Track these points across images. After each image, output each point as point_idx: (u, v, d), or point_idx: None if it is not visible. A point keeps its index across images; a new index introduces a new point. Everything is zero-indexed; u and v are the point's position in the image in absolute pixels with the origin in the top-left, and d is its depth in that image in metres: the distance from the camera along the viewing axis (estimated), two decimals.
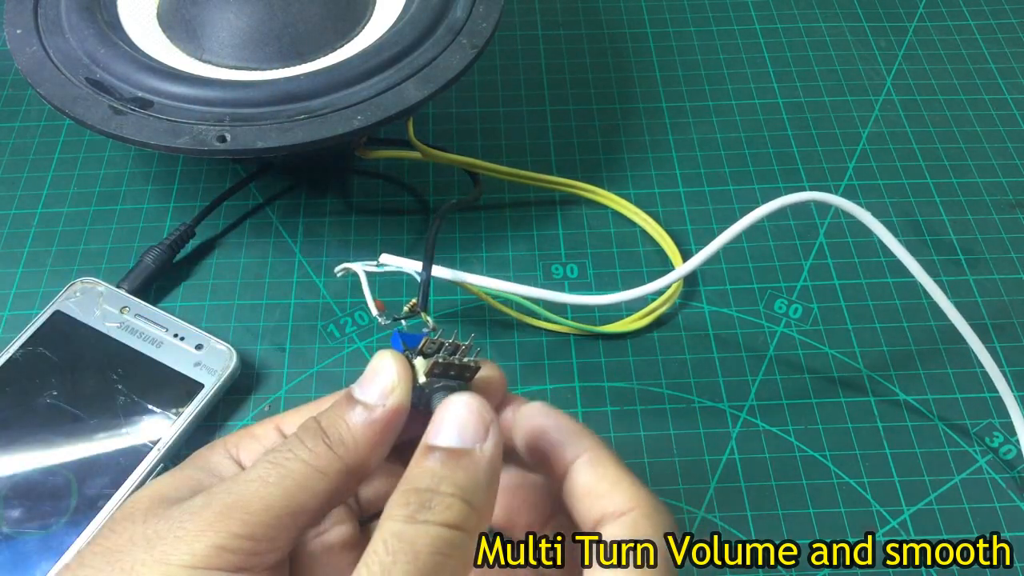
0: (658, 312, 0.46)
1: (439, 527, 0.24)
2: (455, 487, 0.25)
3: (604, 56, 0.58)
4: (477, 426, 0.26)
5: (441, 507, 0.24)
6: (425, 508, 0.24)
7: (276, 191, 0.51)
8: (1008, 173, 0.52)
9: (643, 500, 0.26)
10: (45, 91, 0.42)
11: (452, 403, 0.27)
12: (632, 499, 0.26)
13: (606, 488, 0.27)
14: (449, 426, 0.26)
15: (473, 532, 0.25)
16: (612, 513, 0.26)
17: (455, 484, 0.25)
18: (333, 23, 0.47)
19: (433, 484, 0.25)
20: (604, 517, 0.26)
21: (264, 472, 0.26)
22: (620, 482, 0.27)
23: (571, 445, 0.28)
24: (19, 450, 0.40)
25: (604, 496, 0.27)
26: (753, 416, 0.43)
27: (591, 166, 0.52)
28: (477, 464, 0.26)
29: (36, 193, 0.51)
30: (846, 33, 0.60)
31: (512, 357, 0.45)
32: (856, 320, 0.46)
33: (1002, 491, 0.41)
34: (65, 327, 0.43)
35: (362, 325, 0.46)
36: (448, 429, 0.26)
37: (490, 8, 0.46)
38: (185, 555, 0.24)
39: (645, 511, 0.26)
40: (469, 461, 0.26)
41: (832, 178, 0.52)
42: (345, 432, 0.27)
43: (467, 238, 0.49)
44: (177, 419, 0.41)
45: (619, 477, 0.27)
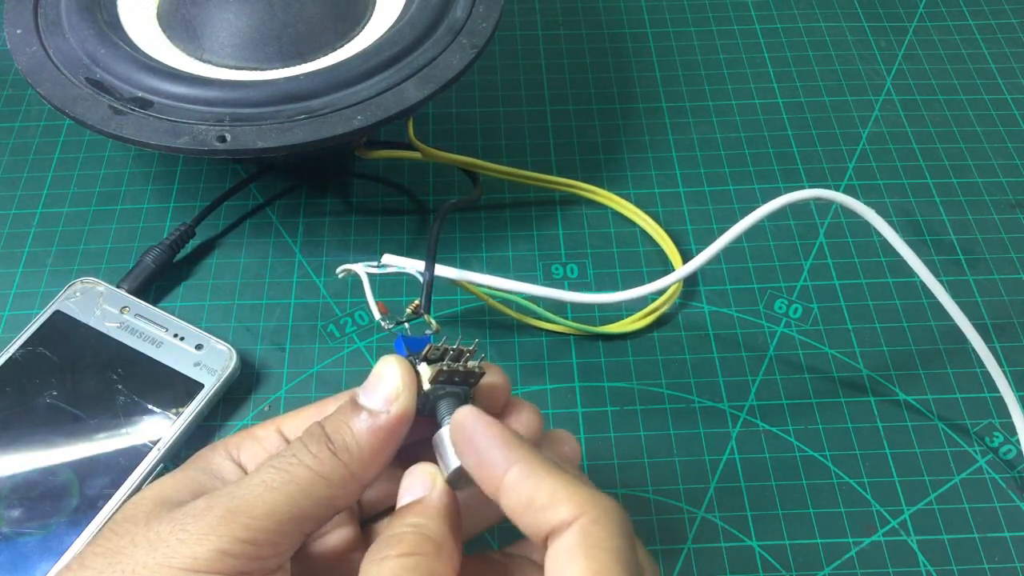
0: (658, 312, 0.46)
1: (395, 558, 0.26)
2: (408, 525, 0.27)
3: (604, 56, 0.58)
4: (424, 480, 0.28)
5: (396, 542, 0.26)
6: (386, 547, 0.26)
7: (276, 191, 0.51)
8: (1008, 173, 0.52)
9: (587, 506, 0.25)
10: (45, 91, 0.42)
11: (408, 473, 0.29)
12: (575, 506, 0.25)
13: (545, 499, 0.25)
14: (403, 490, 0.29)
15: (432, 554, 0.26)
16: (559, 525, 0.25)
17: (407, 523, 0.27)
18: (333, 23, 0.47)
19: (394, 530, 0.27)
20: (552, 530, 0.25)
21: (268, 477, 0.26)
22: (559, 489, 0.25)
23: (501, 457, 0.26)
24: (19, 450, 0.40)
25: (545, 508, 0.25)
26: (753, 416, 0.43)
27: (591, 166, 0.52)
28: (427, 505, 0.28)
29: (36, 193, 0.51)
30: (846, 33, 0.60)
31: (512, 357, 0.45)
32: (856, 320, 0.46)
33: (1002, 491, 0.41)
34: (65, 327, 0.43)
35: (362, 325, 0.46)
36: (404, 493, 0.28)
37: (490, 8, 0.46)
38: (187, 558, 0.24)
39: (592, 516, 0.25)
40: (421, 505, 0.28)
41: (832, 178, 0.52)
42: (349, 438, 0.27)
43: (467, 238, 0.49)
44: (177, 419, 0.41)
45: (558, 483, 0.25)
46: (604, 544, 0.24)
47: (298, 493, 0.26)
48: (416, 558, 0.26)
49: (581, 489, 0.25)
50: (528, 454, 0.26)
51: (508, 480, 0.26)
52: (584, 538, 0.24)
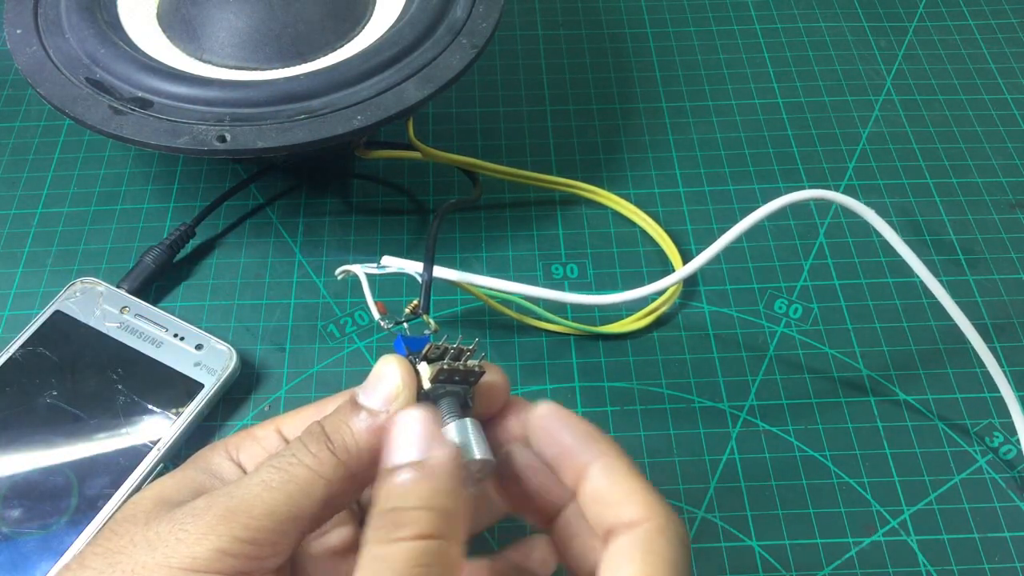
0: (658, 312, 0.46)
1: (413, 541, 0.25)
2: (420, 499, 0.26)
3: (604, 56, 0.58)
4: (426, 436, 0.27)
5: (411, 521, 0.25)
6: (398, 526, 0.25)
7: (276, 191, 0.51)
8: (1008, 173, 0.52)
9: (656, 512, 0.26)
10: (45, 91, 0.42)
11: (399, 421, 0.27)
12: (645, 510, 0.26)
13: (619, 497, 0.27)
14: (401, 443, 0.27)
15: (448, 536, 0.25)
16: (624, 523, 0.26)
17: (420, 496, 0.26)
18: (333, 23, 0.47)
19: (400, 501, 0.26)
20: (616, 526, 0.26)
21: (267, 476, 0.26)
22: (633, 491, 0.27)
23: (586, 450, 0.28)
24: (19, 450, 0.40)
25: (617, 505, 0.26)
26: (753, 416, 0.43)
27: (591, 166, 0.52)
28: (436, 472, 0.26)
29: (36, 193, 0.51)
30: (846, 33, 0.60)
31: (512, 357, 0.45)
32: (856, 320, 0.46)
33: (1002, 491, 0.41)
34: (65, 327, 0.43)
35: (362, 325, 0.46)
36: (401, 446, 0.27)
37: (490, 8, 0.46)
38: (187, 558, 0.24)
39: (658, 524, 0.26)
40: (428, 471, 0.26)
41: (832, 178, 0.52)
42: (349, 438, 0.27)
43: (467, 238, 0.49)
44: (177, 419, 0.41)
45: (633, 485, 0.27)
46: (663, 552, 0.25)
47: (297, 493, 0.26)
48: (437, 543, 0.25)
49: (653, 495, 0.27)
50: (612, 450, 0.28)
51: (591, 471, 0.27)
52: (646, 542, 0.25)
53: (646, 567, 0.25)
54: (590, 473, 0.27)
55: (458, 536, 0.26)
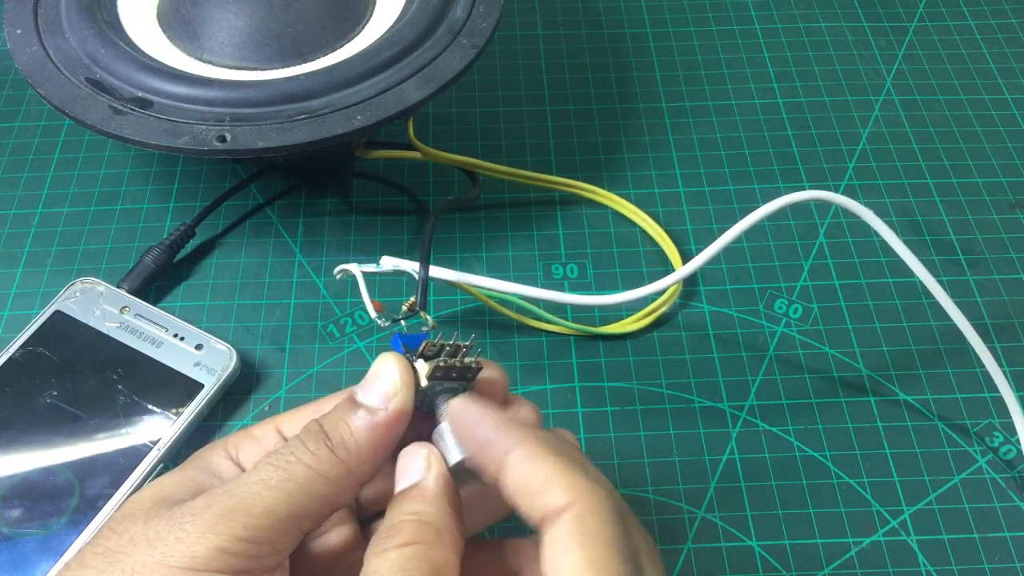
0: (658, 312, 0.46)
1: (396, 549, 0.25)
2: (406, 513, 0.27)
3: (604, 56, 0.58)
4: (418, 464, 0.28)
5: (396, 532, 0.26)
6: (386, 539, 0.26)
7: (276, 191, 0.51)
8: (1008, 173, 0.52)
9: (582, 492, 0.25)
10: (45, 91, 0.42)
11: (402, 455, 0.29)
12: (570, 492, 0.25)
13: (541, 483, 0.25)
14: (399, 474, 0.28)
15: (432, 541, 0.26)
16: (553, 510, 0.25)
17: (406, 511, 0.27)
18: (333, 23, 0.47)
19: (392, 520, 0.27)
20: (546, 515, 0.25)
21: (266, 475, 0.26)
22: (555, 475, 0.25)
23: (501, 440, 0.26)
24: (19, 450, 0.40)
25: (540, 492, 0.25)
26: (753, 416, 0.43)
27: (591, 166, 0.52)
28: (424, 489, 0.27)
29: (36, 193, 0.51)
30: (846, 33, 0.60)
31: (512, 357, 0.45)
32: (856, 320, 0.46)
33: (1002, 491, 0.41)
34: (65, 327, 0.43)
35: (362, 325, 0.46)
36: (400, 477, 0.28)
37: (490, 8, 0.46)
38: (186, 557, 0.24)
39: (587, 503, 0.25)
40: (417, 491, 0.27)
41: (832, 178, 0.52)
42: (347, 435, 0.27)
43: (467, 238, 0.49)
44: (177, 419, 0.41)
45: (553, 469, 0.25)
46: (598, 532, 0.24)
47: (296, 491, 0.26)
48: (416, 547, 0.26)
49: (576, 475, 0.25)
50: (528, 437, 0.26)
51: (508, 461, 0.26)
52: (578, 525, 0.24)
53: (584, 551, 0.24)
54: (508, 463, 0.26)
55: (443, 540, 0.26)
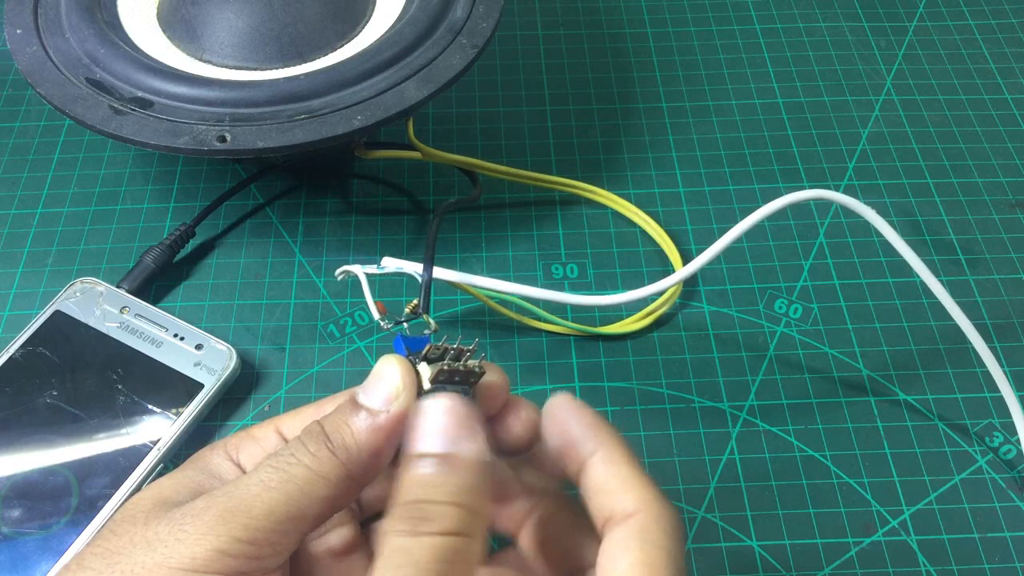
0: (658, 312, 0.46)
1: (439, 536, 0.24)
2: (448, 494, 0.25)
3: (604, 56, 0.58)
4: (459, 428, 0.26)
5: (438, 516, 0.25)
6: (424, 520, 0.25)
7: (276, 191, 0.51)
8: (1008, 173, 0.52)
9: (651, 502, 0.26)
10: (45, 91, 0.42)
11: (431, 408, 0.27)
12: (641, 500, 0.26)
13: (616, 487, 0.27)
14: (432, 431, 0.26)
15: (473, 534, 0.25)
16: (620, 513, 0.26)
17: (448, 491, 0.25)
18: (333, 23, 0.47)
19: (427, 494, 0.25)
20: (612, 516, 0.26)
21: (266, 476, 0.26)
22: (630, 481, 0.27)
23: (588, 440, 0.28)
24: (19, 450, 0.40)
25: (614, 495, 0.27)
26: (753, 416, 0.43)
27: (591, 166, 0.52)
28: (466, 467, 0.26)
29: (36, 193, 0.51)
30: (846, 33, 0.60)
31: (512, 357, 0.45)
32: (856, 320, 0.46)
33: (1002, 491, 0.41)
34: (65, 327, 0.43)
35: (362, 325, 0.46)
36: (431, 434, 0.26)
37: (490, 8, 0.46)
38: (185, 558, 0.24)
39: (654, 513, 0.26)
40: (458, 465, 0.26)
41: (832, 178, 0.52)
42: (348, 437, 0.27)
43: (467, 238, 0.49)
44: (177, 419, 0.41)
45: (630, 476, 0.27)
46: (658, 542, 0.26)
47: (296, 492, 0.26)
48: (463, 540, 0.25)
49: (649, 486, 0.27)
50: (613, 441, 0.28)
51: (592, 461, 0.28)
52: (641, 531, 0.26)
53: (642, 555, 0.25)
54: (590, 464, 0.28)
55: (482, 535, 0.26)
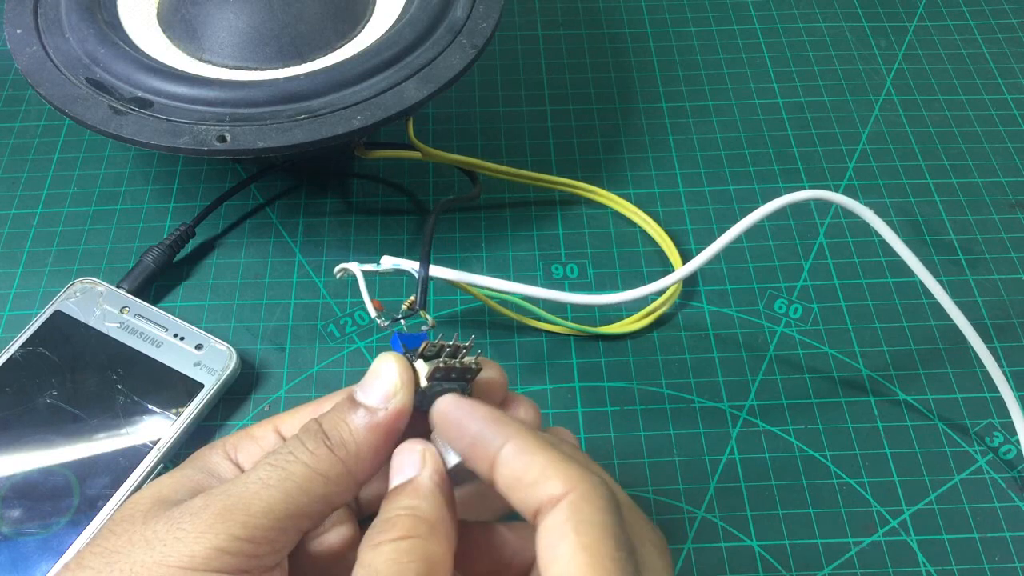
0: (658, 312, 0.46)
1: (390, 543, 0.25)
2: (401, 508, 0.27)
3: (604, 56, 0.58)
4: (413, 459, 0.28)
5: (391, 527, 0.26)
6: (381, 532, 0.26)
7: (276, 191, 0.51)
8: (1008, 173, 0.52)
9: (577, 481, 0.25)
10: (45, 91, 0.42)
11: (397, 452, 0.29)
12: (565, 481, 0.25)
13: (536, 474, 0.25)
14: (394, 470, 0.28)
15: (426, 535, 0.26)
16: (548, 500, 0.25)
17: (401, 505, 0.27)
18: (333, 23, 0.47)
19: (387, 514, 0.27)
20: (542, 506, 0.25)
21: (265, 474, 0.26)
22: (549, 466, 0.25)
23: (493, 435, 0.26)
24: (19, 450, 0.40)
25: (536, 484, 0.25)
26: (753, 416, 0.43)
27: (591, 166, 0.52)
28: (419, 485, 0.27)
29: (36, 193, 0.51)
30: (846, 33, 0.60)
31: (512, 357, 0.45)
32: (856, 320, 0.46)
33: (1002, 491, 0.41)
34: (65, 327, 0.43)
35: (362, 325, 0.46)
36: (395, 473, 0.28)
37: (490, 8, 0.46)
38: (185, 557, 0.24)
39: (582, 491, 0.25)
40: (412, 486, 0.27)
41: (832, 178, 0.52)
42: (347, 435, 0.27)
43: (467, 238, 0.49)
44: (177, 419, 0.41)
45: (547, 460, 0.26)
46: (594, 519, 0.24)
47: (295, 490, 0.26)
48: (411, 541, 0.25)
49: (571, 465, 0.25)
50: (520, 431, 0.27)
51: (502, 456, 0.26)
52: (573, 513, 0.24)
53: (580, 538, 0.24)
54: (501, 457, 0.26)
55: (438, 535, 0.26)
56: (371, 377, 0.28)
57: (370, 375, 0.29)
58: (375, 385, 0.28)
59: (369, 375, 0.29)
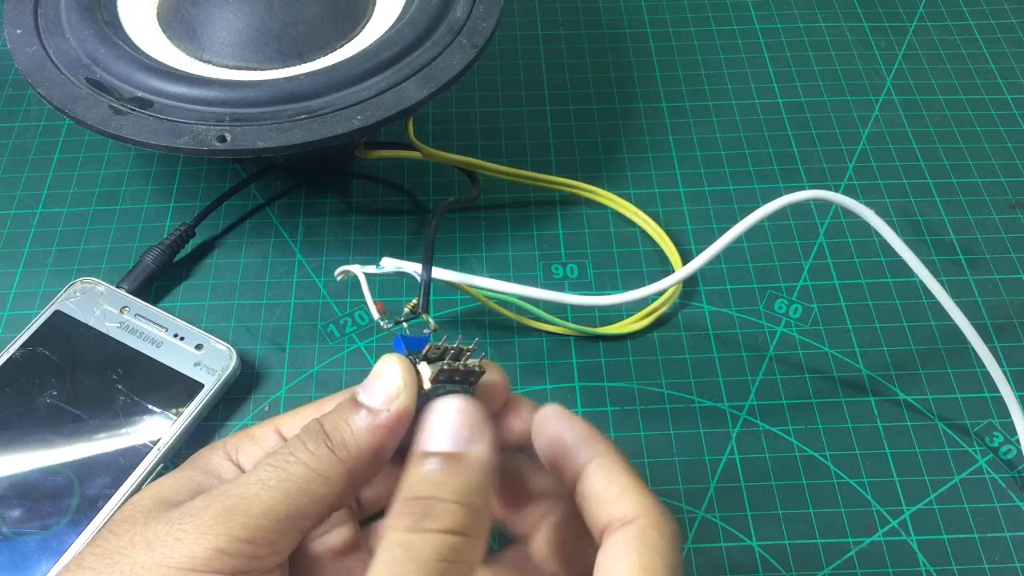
0: (658, 312, 0.46)
1: (442, 534, 0.24)
2: (454, 492, 0.25)
3: (604, 56, 0.58)
4: (469, 429, 0.27)
5: (442, 514, 0.25)
6: (427, 516, 0.25)
7: (276, 191, 0.51)
8: (1008, 173, 0.52)
9: (650, 508, 0.27)
10: (45, 91, 0.42)
11: (442, 407, 0.27)
12: (639, 507, 0.27)
13: (614, 494, 0.27)
14: (441, 431, 0.27)
15: (475, 534, 0.25)
16: (619, 519, 0.26)
17: (453, 489, 0.25)
18: (333, 23, 0.47)
19: (433, 491, 0.25)
20: (611, 523, 0.27)
21: (265, 475, 0.26)
22: (628, 489, 0.27)
23: (584, 449, 0.28)
24: (19, 450, 0.40)
25: (612, 502, 0.27)
26: (753, 416, 0.43)
27: (591, 166, 0.52)
28: (473, 467, 0.26)
29: (36, 193, 0.51)
30: (846, 33, 0.60)
31: (512, 357, 0.45)
32: (856, 320, 0.46)
33: (1002, 491, 0.41)
34: (65, 327, 0.43)
35: (362, 325, 0.46)
36: (441, 434, 0.27)
37: (490, 8, 0.46)
38: (185, 558, 0.24)
39: (652, 520, 0.26)
40: (465, 465, 0.26)
41: (832, 178, 0.52)
42: (348, 436, 0.27)
43: (467, 238, 0.49)
44: (177, 419, 0.41)
45: (628, 484, 0.27)
46: (657, 547, 0.26)
47: (295, 491, 0.26)
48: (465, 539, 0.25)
49: (647, 493, 0.27)
50: (609, 450, 0.28)
51: (589, 469, 0.28)
52: (640, 537, 0.26)
53: (641, 560, 0.25)
54: (587, 472, 0.28)
55: (484, 535, 0.26)
56: (374, 378, 0.28)
57: (373, 376, 0.28)
58: (378, 386, 0.28)
59: (372, 376, 0.29)
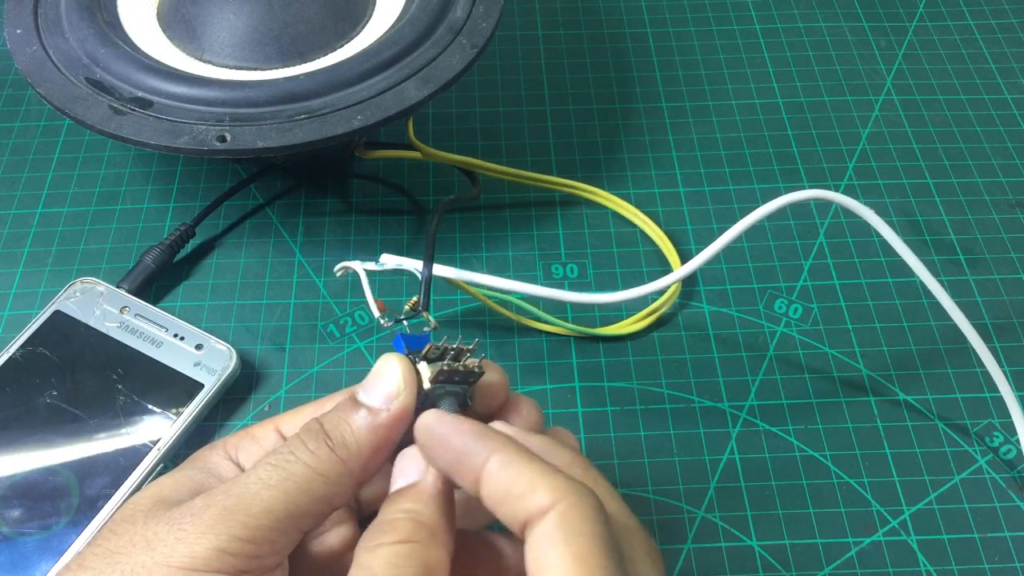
0: (658, 312, 0.46)
1: (389, 546, 0.25)
2: (401, 511, 0.27)
3: (604, 56, 0.58)
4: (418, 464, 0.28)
5: (390, 528, 0.26)
6: (380, 533, 0.26)
7: (276, 191, 0.51)
8: (1008, 173, 0.52)
9: (564, 491, 0.25)
10: (45, 91, 0.42)
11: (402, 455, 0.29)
12: (553, 492, 0.25)
13: (523, 487, 0.25)
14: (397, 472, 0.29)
15: (426, 541, 0.26)
16: (536, 511, 0.24)
17: (401, 509, 0.27)
18: (333, 23, 0.47)
19: (387, 516, 0.27)
20: (530, 517, 0.25)
21: (265, 474, 0.26)
22: (537, 477, 0.25)
23: (477, 449, 0.26)
24: (19, 450, 0.40)
25: (523, 496, 0.25)
26: (753, 416, 0.43)
27: (591, 166, 0.52)
28: (421, 489, 0.27)
29: (36, 193, 0.51)
30: (846, 33, 0.60)
31: (512, 357, 0.45)
32: (856, 320, 0.46)
33: (1002, 491, 0.41)
34: (65, 327, 0.43)
35: (362, 325, 0.46)
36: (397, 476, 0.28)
37: (490, 8, 0.46)
38: (185, 557, 0.24)
39: (571, 501, 0.24)
40: (415, 490, 0.27)
41: (832, 178, 0.52)
42: (348, 435, 0.27)
43: (467, 238, 0.49)
44: (177, 419, 0.41)
45: (535, 472, 0.25)
46: (582, 529, 0.24)
47: (295, 490, 0.26)
48: (410, 546, 0.25)
49: (557, 476, 0.25)
50: (505, 444, 0.26)
51: (487, 470, 0.26)
52: (562, 523, 0.24)
53: (570, 547, 0.24)
54: (487, 472, 0.26)
55: (438, 542, 0.26)
56: (374, 378, 0.28)
57: (373, 376, 0.29)
58: (378, 386, 0.28)
59: (372, 376, 0.29)
